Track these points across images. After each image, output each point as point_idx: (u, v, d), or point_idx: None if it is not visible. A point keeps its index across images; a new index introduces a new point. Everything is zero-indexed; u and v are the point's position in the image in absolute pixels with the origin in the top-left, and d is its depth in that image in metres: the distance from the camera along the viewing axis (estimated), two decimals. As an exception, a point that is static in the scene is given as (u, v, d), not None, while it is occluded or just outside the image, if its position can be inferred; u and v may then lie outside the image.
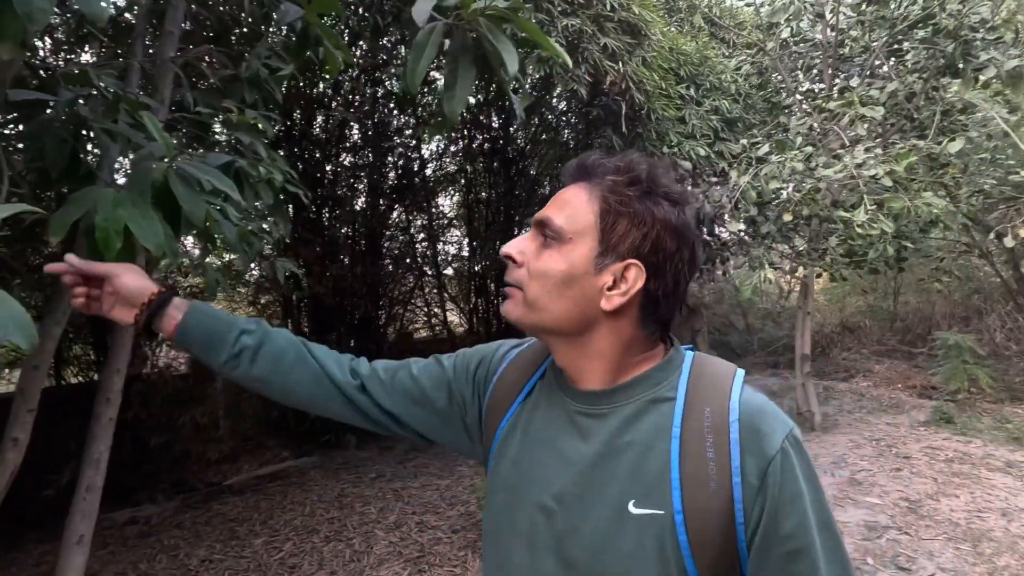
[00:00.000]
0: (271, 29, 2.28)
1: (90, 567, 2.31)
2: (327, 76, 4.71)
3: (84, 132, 1.39)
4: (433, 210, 7.09)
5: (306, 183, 3.32)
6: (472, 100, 6.84)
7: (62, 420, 3.50)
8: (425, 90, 6.35)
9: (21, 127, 1.68)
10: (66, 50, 2.92)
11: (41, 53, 2.88)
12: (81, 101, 1.35)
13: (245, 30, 2.90)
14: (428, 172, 6.82)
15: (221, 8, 2.59)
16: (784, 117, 4.93)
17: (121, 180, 1.55)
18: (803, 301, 5.40)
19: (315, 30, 1.40)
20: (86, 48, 2.84)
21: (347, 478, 4.96)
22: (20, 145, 1.68)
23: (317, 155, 5.67)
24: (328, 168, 5.80)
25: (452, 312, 7.61)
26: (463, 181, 7.14)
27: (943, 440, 4.89)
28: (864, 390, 6.84)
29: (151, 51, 1.98)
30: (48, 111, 1.52)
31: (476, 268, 7.15)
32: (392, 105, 6.14)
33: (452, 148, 6.94)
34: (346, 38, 4.62)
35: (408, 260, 6.78)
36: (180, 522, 4.20)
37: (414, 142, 6.47)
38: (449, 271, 7.47)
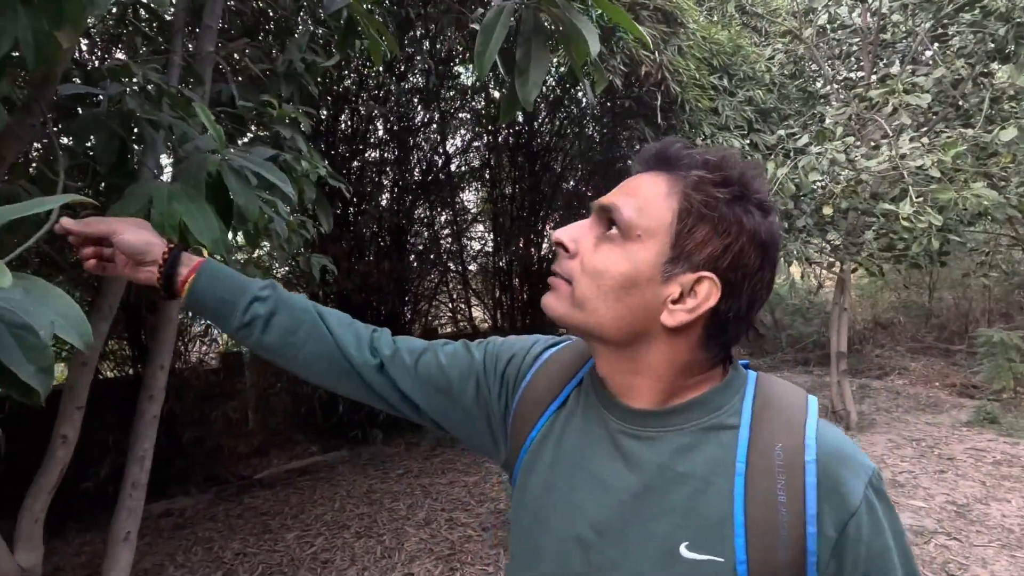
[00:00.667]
0: (305, 21, 2.25)
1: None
2: (370, 64, 4.71)
3: (130, 127, 1.37)
4: (457, 206, 7.06)
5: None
6: (497, 93, 6.80)
7: (100, 414, 3.56)
8: (450, 83, 6.32)
9: (60, 124, 1.68)
10: (101, 49, 2.94)
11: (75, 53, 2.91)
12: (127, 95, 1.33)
13: (273, 25, 2.88)
14: (453, 167, 6.79)
15: (256, 3, 2.57)
16: (820, 107, 4.78)
17: (164, 174, 1.53)
18: (840, 297, 5.24)
19: (361, 19, 1.36)
20: (119, 46, 2.86)
21: (375, 474, 4.97)
22: (64, 140, 1.68)
23: (343, 151, 5.68)
24: (355, 164, 5.81)
25: (476, 308, 7.59)
26: (487, 176, 7.10)
27: (988, 441, 4.71)
28: (900, 388, 6.64)
29: (190, 46, 1.96)
30: (93, 106, 1.51)
31: (500, 264, 7.11)
32: (417, 100, 6.11)
33: (476, 143, 6.90)
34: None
35: (433, 256, 6.77)
36: (214, 515, 4.26)
37: (439, 137, 6.45)
38: (473, 267, 7.45)
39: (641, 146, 4.58)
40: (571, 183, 7.67)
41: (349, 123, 5.76)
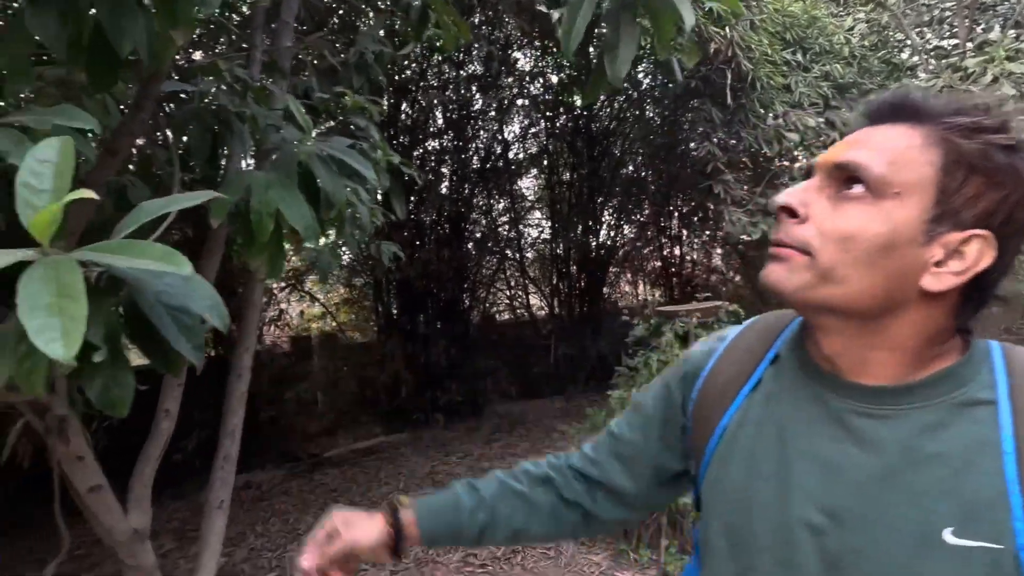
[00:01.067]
0: (377, 11, 2.30)
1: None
2: (429, 53, 4.78)
3: (220, 120, 1.44)
4: (515, 193, 7.07)
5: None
6: (555, 77, 6.72)
7: (185, 392, 3.85)
8: (507, 68, 6.30)
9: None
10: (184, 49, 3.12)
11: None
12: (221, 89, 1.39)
13: (341, 18, 2.95)
14: (511, 155, 6.79)
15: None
16: (906, 79, 4.44)
17: (246, 164, 1.61)
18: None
19: (436, 7, 1.37)
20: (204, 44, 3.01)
21: (436, 456, 5.10)
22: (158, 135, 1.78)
23: (404, 140, 5.79)
24: (416, 153, 5.91)
25: (534, 295, 7.59)
26: (545, 163, 7.06)
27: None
28: None
29: (268, 41, 2.03)
30: (186, 102, 1.60)
31: (558, 250, 7.08)
32: (475, 88, 6.14)
33: (534, 129, 6.86)
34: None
35: (491, 243, 6.82)
36: (287, 489, 4.51)
37: (497, 124, 6.46)
38: (531, 254, 7.46)
39: (707, 128, 4.41)
40: (630, 168, 7.51)
41: (409, 112, 5.86)
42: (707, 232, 7.53)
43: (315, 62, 2.30)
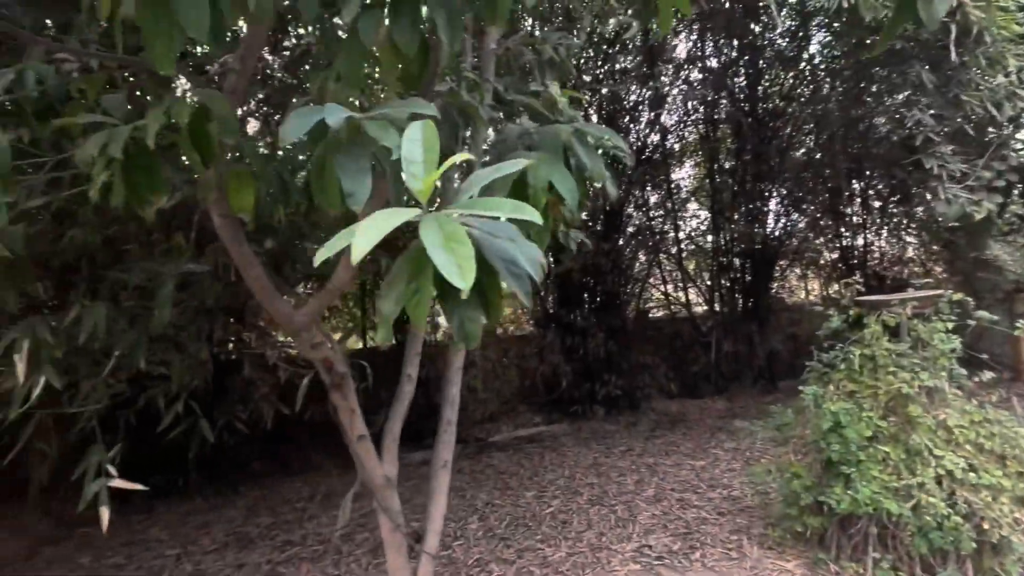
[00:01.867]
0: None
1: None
2: (584, 46, 4.85)
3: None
4: (671, 184, 6.84)
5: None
6: (716, 62, 6.38)
7: (374, 375, 4.35)
8: (664, 58, 6.11)
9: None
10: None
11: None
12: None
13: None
14: (667, 144, 6.59)
15: None
16: None
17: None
18: None
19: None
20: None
21: (598, 448, 5.14)
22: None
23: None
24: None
25: (691, 290, 7.28)
26: (705, 150, 6.73)
27: None
28: None
29: (475, 44, 2.20)
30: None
31: (720, 242, 6.70)
32: (631, 79, 6.06)
33: (692, 116, 6.58)
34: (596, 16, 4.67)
35: (646, 237, 6.68)
36: (460, 468, 4.86)
37: (653, 115, 6.31)
38: (688, 247, 7.16)
39: (916, 95, 3.86)
40: (801, 151, 6.87)
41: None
42: (895, 218, 6.61)
43: (509, 61, 2.44)
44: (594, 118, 6.36)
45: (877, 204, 6.79)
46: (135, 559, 3.57)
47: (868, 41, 4.73)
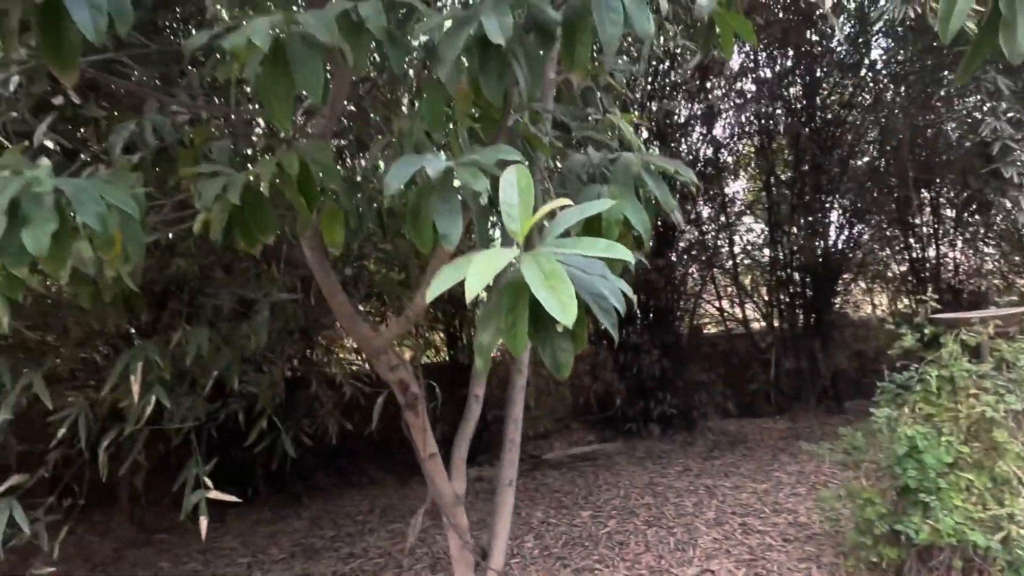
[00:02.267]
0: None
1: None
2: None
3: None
4: (727, 197, 6.72)
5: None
6: (770, 72, 6.26)
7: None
8: (718, 71, 6.05)
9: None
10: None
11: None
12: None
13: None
14: (720, 157, 6.49)
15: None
16: None
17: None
18: None
19: (720, 17, 1.41)
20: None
21: (653, 468, 5.04)
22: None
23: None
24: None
25: (748, 306, 7.08)
26: (761, 162, 6.58)
27: None
28: None
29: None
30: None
31: (778, 256, 6.51)
32: (682, 94, 6.03)
33: (747, 128, 6.46)
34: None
35: (700, 251, 6.57)
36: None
37: (705, 129, 6.24)
38: (744, 261, 6.99)
39: (992, 101, 3.68)
40: (863, 160, 6.61)
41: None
42: (971, 228, 6.24)
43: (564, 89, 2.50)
44: (644, 133, 6.36)
45: (950, 213, 6.44)
46: (211, 565, 3.77)
47: (935, 44, 4.54)
